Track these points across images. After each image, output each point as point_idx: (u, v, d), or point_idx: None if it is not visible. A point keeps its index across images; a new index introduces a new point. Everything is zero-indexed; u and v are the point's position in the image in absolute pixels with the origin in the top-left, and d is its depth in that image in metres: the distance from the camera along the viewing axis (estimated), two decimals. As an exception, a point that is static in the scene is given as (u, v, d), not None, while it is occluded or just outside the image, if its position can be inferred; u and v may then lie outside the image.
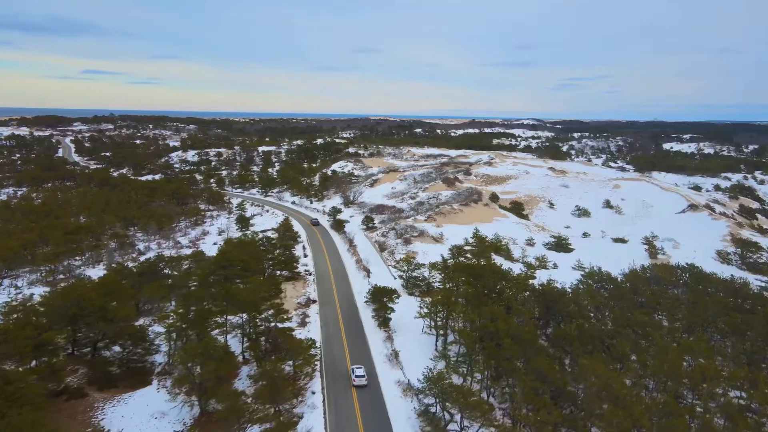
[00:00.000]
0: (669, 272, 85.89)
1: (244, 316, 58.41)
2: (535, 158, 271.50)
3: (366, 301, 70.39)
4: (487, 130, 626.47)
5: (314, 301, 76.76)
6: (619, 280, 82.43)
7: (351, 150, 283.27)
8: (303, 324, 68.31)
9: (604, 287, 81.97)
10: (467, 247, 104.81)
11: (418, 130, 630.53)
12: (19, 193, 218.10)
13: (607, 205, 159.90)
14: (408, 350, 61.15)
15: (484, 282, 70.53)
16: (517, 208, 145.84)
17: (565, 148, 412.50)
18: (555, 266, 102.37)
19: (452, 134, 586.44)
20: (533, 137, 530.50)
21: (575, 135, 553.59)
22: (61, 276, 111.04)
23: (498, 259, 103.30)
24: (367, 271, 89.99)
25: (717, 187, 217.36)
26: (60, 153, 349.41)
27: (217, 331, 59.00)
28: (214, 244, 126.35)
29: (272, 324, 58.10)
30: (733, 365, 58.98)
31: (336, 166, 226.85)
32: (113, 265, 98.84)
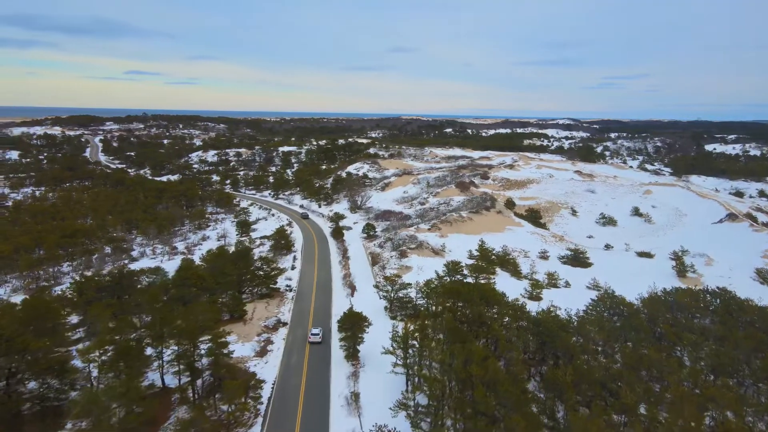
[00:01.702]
0: (695, 298, 74.29)
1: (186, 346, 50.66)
2: (564, 160, 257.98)
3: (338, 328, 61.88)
4: (519, 130, 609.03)
5: (284, 324, 68.69)
6: (635, 306, 71.40)
7: (371, 151, 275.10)
8: (262, 353, 60.33)
9: (618, 313, 71.26)
10: (470, 261, 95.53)
11: (449, 129, 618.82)
12: (37, 192, 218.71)
13: (636, 212, 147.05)
14: (372, 391, 52.42)
15: (474, 309, 61.12)
16: (533, 216, 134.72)
17: (599, 150, 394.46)
18: (567, 284, 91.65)
19: (483, 134, 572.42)
20: (567, 138, 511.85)
21: (612, 135, 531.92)
22: (45, 283, 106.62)
23: (503, 275, 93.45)
24: (353, 289, 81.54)
25: (762, 193, 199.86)
26: (87, 152, 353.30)
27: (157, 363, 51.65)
28: (209, 251, 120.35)
29: (213, 356, 50.16)
30: None
31: (351, 168, 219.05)
32: (77, 277, 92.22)
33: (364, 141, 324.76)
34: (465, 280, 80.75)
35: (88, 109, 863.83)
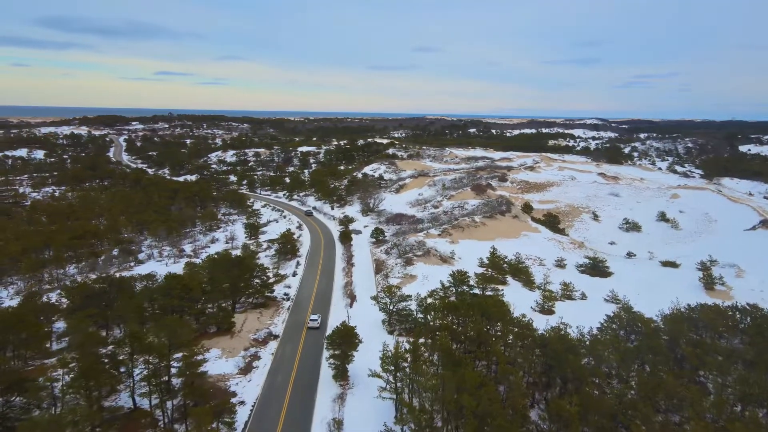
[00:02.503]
0: (722, 315, 67.92)
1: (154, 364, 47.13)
2: (588, 162, 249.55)
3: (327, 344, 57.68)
4: (545, 130, 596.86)
5: (275, 337, 64.88)
6: (654, 324, 65.45)
7: (390, 151, 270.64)
8: (247, 369, 56.56)
9: (636, 331, 65.49)
10: (480, 269, 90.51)
11: (472, 129, 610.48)
12: (57, 192, 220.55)
13: (662, 218, 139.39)
14: (358, 418, 48.16)
15: (475, 327, 56.30)
16: (551, 221, 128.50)
17: (627, 150, 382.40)
18: (583, 296, 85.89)
19: (508, 134, 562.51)
20: (594, 138, 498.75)
21: (641, 136, 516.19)
22: (47, 286, 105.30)
23: (514, 285, 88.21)
24: (352, 299, 77.41)
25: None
26: (111, 152, 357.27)
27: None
28: (216, 254, 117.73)
29: (183, 376, 46.51)
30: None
31: (368, 169, 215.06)
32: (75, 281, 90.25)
33: (384, 141, 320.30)
34: (471, 291, 76.18)
35: (118, 109, 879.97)
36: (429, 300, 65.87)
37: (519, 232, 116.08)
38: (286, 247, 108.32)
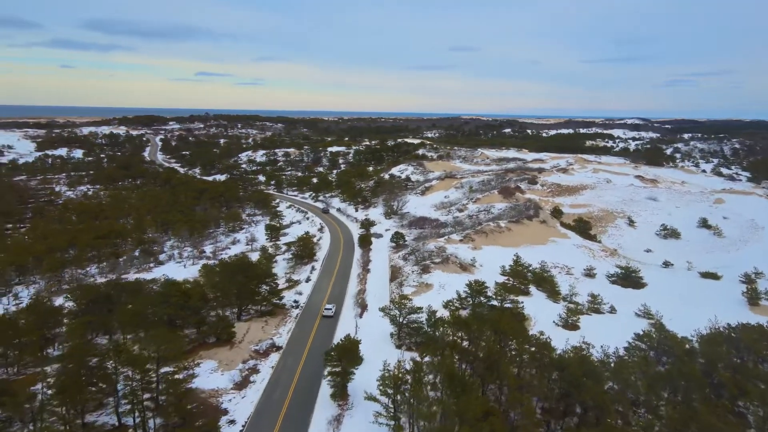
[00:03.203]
0: (767, 337, 61.28)
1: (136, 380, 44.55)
2: (626, 163, 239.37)
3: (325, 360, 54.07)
4: (582, 131, 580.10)
5: (278, 349, 61.77)
6: (688, 345, 59.45)
7: (420, 152, 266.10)
8: (243, 384, 53.55)
9: (668, 352, 59.64)
10: (502, 278, 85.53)
11: (507, 130, 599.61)
12: (91, 191, 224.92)
13: (703, 224, 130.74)
14: (353, 443, 44.52)
15: (489, 346, 51.81)
16: (582, 227, 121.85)
17: (668, 151, 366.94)
18: (612, 310, 79.88)
19: (544, 134, 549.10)
20: (634, 138, 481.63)
21: (685, 136, 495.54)
22: (66, 286, 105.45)
23: (538, 296, 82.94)
24: (363, 309, 73.79)
25: None
26: (147, 151, 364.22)
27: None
28: (235, 255, 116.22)
29: (165, 393, 43.77)
30: None
31: (395, 170, 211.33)
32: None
33: (415, 141, 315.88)
34: (490, 303, 71.56)
35: (159, 110, 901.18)
36: (439, 313, 61.74)
37: (546, 238, 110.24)
38: (303, 250, 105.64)
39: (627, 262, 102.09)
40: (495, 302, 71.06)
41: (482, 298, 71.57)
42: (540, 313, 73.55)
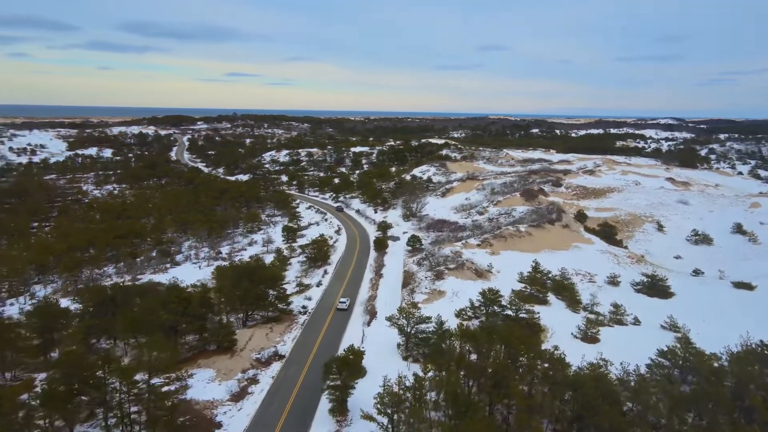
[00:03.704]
0: (805, 356, 56.52)
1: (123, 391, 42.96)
2: (658, 165, 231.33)
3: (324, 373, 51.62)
4: (613, 131, 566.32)
5: (280, 358, 59.70)
6: (716, 364, 55.17)
7: (444, 152, 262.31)
8: (240, 395, 51.62)
9: (693, 370, 55.43)
10: (520, 285, 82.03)
11: (535, 130, 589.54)
12: (116, 190, 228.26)
13: (738, 230, 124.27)
14: (348, 463, 42.08)
15: (498, 362, 48.77)
16: (607, 232, 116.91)
17: (703, 152, 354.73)
18: (636, 321, 75.60)
19: (573, 135, 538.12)
20: (666, 139, 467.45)
21: (721, 136, 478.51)
22: (81, 286, 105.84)
23: (557, 306, 79.16)
24: (371, 316, 71.31)
25: None
26: (174, 151, 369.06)
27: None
28: (250, 257, 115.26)
29: (151, 406, 42.03)
30: None
31: (417, 171, 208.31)
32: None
33: (439, 142, 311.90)
34: (504, 313, 68.33)
35: (190, 110, 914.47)
36: (450, 323, 58.85)
37: (569, 243, 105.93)
38: (317, 254, 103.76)
39: (654, 270, 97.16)
40: (510, 312, 67.81)
41: (496, 308, 68.41)
42: (558, 324, 69.85)
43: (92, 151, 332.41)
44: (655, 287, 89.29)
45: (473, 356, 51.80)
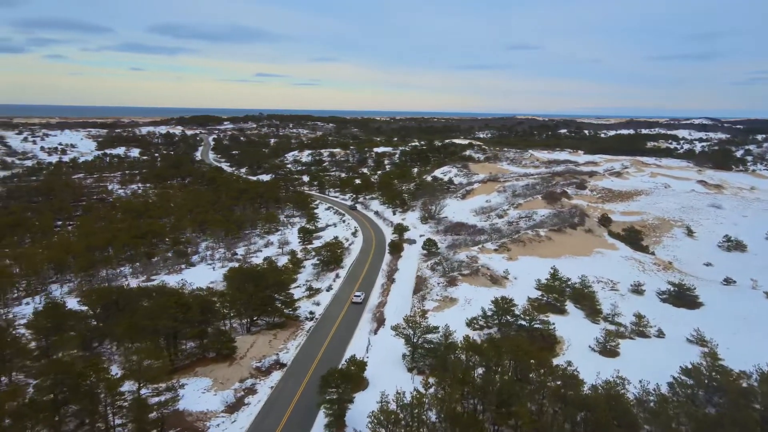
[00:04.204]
0: None
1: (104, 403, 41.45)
2: (690, 167, 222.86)
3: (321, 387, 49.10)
4: (644, 131, 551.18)
5: (282, 366, 57.71)
6: (745, 384, 51.00)
7: (467, 153, 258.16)
8: (236, 406, 49.73)
9: (720, 391, 51.38)
10: (537, 293, 78.58)
11: (563, 130, 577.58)
12: (140, 190, 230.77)
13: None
14: (340, 484, 39.71)
15: (505, 382, 45.76)
16: (632, 236, 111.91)
17: (739, 154, 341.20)
18: (660, 334, 71.35)
19: (602, 135, 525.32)
20: (700, 139, 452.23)
21: (758, 137, 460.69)
22: (94, 286, 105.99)
23: (575, 315, 75.41)
24: (379, 324, 68.83)
25: None
26: (199, 150, 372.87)
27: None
28: (264, 259, 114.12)
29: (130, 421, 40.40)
30: None
31: (438, 172, 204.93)
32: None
33: (463, 142, 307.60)
34: (518, 323, 65.08)
35: (218, 110, 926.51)
36: (460, 333, 56.11)
37: (591, 248, 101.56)
38: (330, 257, 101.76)
39: (682, 278, 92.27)
40: (523, 322, 64.53)
41: (509, 318, 65.22)
42: (575, 336, 66.32)
43: (120, 150, 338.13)
44: (682, 297, 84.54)
45: (480, 370, 49.04)
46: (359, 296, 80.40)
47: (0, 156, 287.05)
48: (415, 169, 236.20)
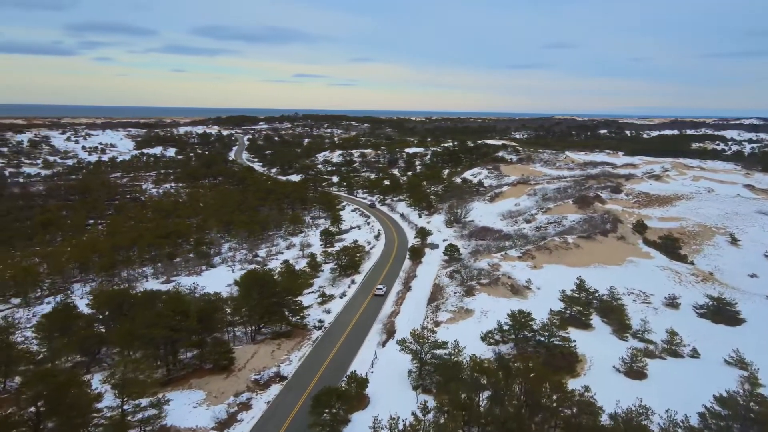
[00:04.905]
0: None
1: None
2: (737, 170, 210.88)
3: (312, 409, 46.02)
4: (689, 132, 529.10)
5: (282, 380, 55.13)
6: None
7: (499, 154, 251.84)
8: (227, 423, 47.18)
9: (760, 421, 46.09)
10: (562, 304, 73.76)
11: (603, 131, 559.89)
12: (172, 189, 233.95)
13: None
14: None
15: (509, 406, 41.94)
16: (669, 245, 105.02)
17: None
18: (695, 354, 65.58)
19: (644, 136, 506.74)
20: (750, 140, 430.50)
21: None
22: (115, 287, 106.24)
23: (601, 330, 70.41)
24: (389, 336, 65.56)
25: None
26: (234, 150, 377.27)
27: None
28: (283, 262, 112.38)
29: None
30: None
31: (468, 174, 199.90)
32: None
33: (497, 143, 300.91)
34: (536, 339, 60.72)
35: (256, 110, 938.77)
36: (472, 348, 52.39)
37: (624, 257, 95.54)
38: (348, 261, 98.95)
39: (722, 291, 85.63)
40: (542, 338, 60.14)
41: (526, 332, 60.90)
42: (598, 353, 61.43)
43: (157, 150, 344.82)
44: (721, 312, 78.09)
45: (486, 393, 45.28)
46: (381, 289, 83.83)
47: (43, 155, 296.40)
48: (446, 171, 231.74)
